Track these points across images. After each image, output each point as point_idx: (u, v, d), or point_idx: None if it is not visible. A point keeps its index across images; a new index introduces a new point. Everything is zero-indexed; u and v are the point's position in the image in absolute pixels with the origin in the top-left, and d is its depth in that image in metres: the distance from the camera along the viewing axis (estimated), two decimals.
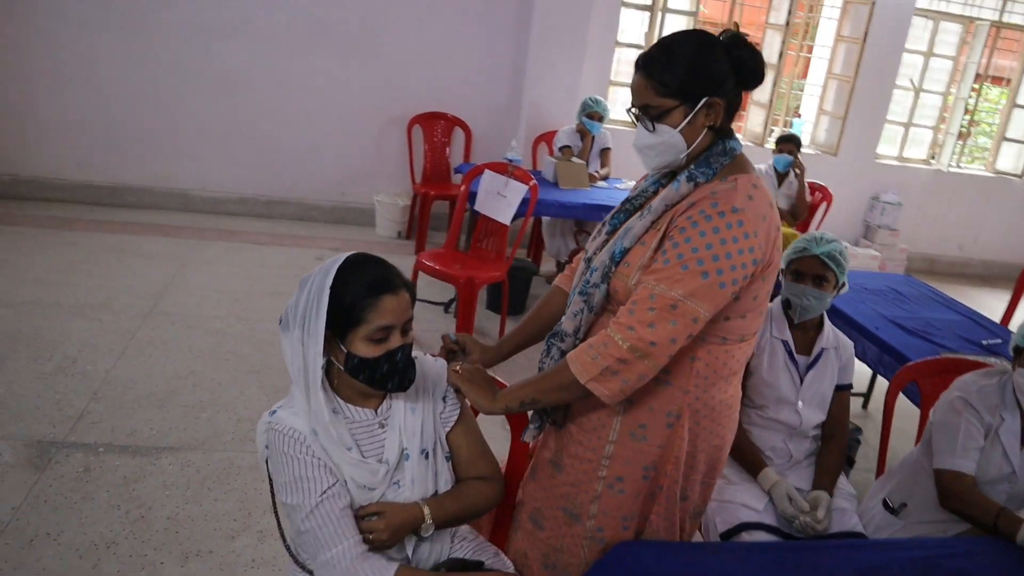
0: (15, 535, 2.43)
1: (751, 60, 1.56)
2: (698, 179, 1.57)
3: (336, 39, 5.67)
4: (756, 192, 1.54)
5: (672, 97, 1.55)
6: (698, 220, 1.49)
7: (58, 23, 5.29)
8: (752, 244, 1.49)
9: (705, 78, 1.53)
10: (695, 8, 6.01)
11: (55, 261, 4.53)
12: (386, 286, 1.50)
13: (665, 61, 1.54)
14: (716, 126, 1.57)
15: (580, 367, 1.53)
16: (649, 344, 1.48)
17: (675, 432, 1.64)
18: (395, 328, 1.52)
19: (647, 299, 1.49)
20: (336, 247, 5.52)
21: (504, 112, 6.07)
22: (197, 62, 5.54)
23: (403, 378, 1.55)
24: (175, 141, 5.71)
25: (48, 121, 5.49)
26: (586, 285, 1.65)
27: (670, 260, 1.49)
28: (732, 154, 1.60)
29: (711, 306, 1.50)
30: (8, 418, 3.00)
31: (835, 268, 2.27)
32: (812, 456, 2.35)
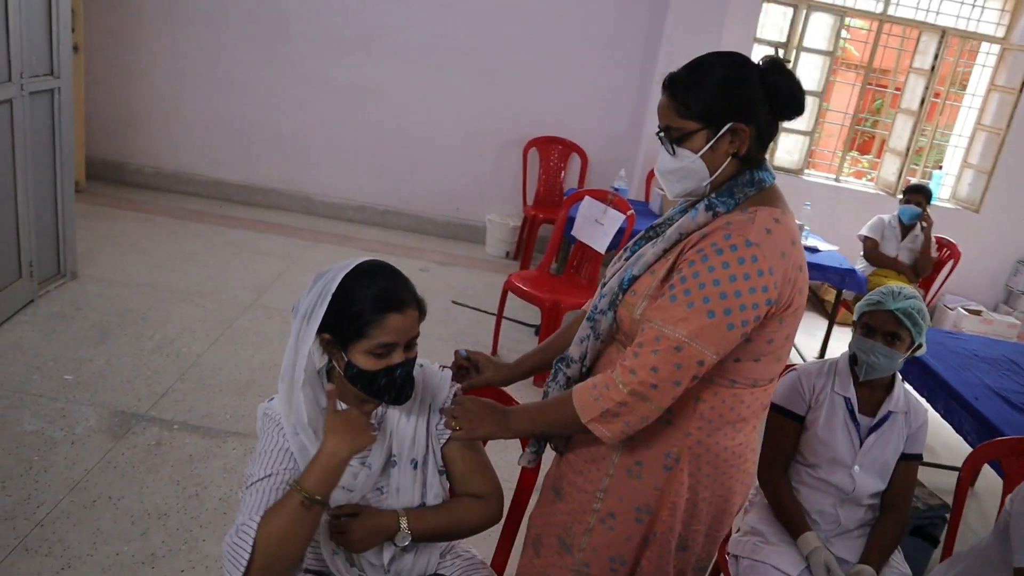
0: (81, 494, 2.60)
1: (787, 87, 1.45)
2: (717, 208, 1.48)
3: (462, 60, 5.82)
4: (777, 227, 1.43)
5: (694, 119, 1.46)
6: (708, 254, 1.40)
7: (209, 32, 5.72)
8: (766, 282, 1.39)
9: (732, 102, 1.44)
10: (832, 48, 5.75)
11: (178, 249, 4.87)
12: (393, 304, 1.47)
13: (690, 81, 1.46)
14: (741, 154, 1.47)
15: (581, 406, 1.48)
16: (650, 387, 1.41)
17: (673, 476, 1.55)
18: (398, 345, 1.49)
19: (652, 341, 1.41)
20: (441, 260, 5.63)
21: (622, 142, 6.02)
22: (329, 74, 5.83)
23: (400, 393, 1.53)
24: (303, 147, 6.03)
25: (191, 121, 5.93)
26: (594, 311, 1.60)
27: (677, 297, 1.41)
28: (760, 185, 1.49)
29: (718, 348, 1.40)
30: (102, 388, 3.22)
31: (910, 327, 2.09)
32: (865, 527, 2.16)
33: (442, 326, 4.47)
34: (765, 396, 1.59)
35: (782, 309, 1.45)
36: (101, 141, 5.94)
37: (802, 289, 1.48)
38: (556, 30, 5.74)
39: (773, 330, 1.47)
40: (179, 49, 5.77)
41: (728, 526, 1.69)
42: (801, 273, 1.46)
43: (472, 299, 4.96)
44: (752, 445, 1.62)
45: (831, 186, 6.04)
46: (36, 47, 3.60)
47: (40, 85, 3.66)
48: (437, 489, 1.63)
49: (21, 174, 3.57)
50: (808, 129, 5.95)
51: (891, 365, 2.11)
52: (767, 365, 1.52)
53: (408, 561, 1.62)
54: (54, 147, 3.86)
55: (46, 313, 3.75)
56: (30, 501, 2.53)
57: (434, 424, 1.64)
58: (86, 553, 2.36)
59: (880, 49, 6.00)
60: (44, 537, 2.39)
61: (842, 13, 5.68)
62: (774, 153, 6.05)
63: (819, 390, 2.16)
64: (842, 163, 6.19)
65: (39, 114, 3.70)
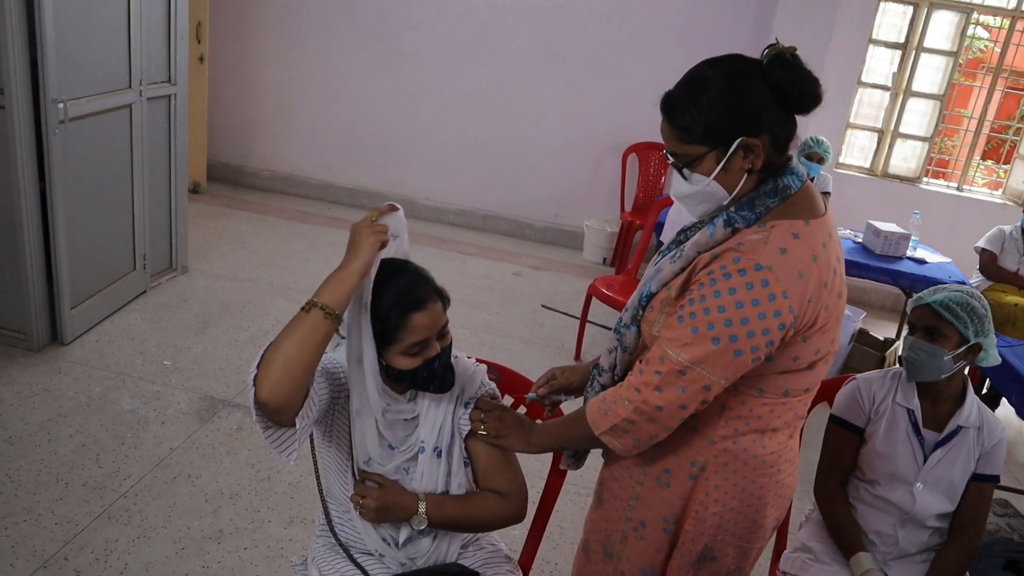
0: (164, 471, 2.79)
1: (794, 82, 1.34)
2: (737, 224, 1.38)
3: (565, 66, 5.84)
4: (795, 243, 1.33)
5: (699, 143, 1.37)
6: (717, 278, 1.34)
7: (321, 43, 6.01)
8: (779, 307, 1.31)
9: (736, 117, 1.34)
10: (956, 48, 5.40)
11: (283, 247, 5.13)
12: (413, 304, 1.50)
13: (686, 103, 1.36)
14: (757, 168, 1.38)
15: (594, 419, 1.47)
16: (655, 408, 1.37)
17: (698, 485, 1.50)
18: (430, 340, 1.53)
19: (657, 360, 1.38)
20: (536, 265, 5.66)
21: None
22: (434, 80, 5.99)
23: (443, 382, 1.58)
24: (408, 152, 6.21)
25: (303, 126, 6.24)
26: (619, 324, 1.56)
27: (684, 319, 1.36)
28: (785, 193, 1.39)
29: (726, 374, 1.35)
30: (197, 373, 3.44)
31: (952, 319, 1.91)
32: (929, 553, 2.01)
33: (529, 330, 4.50)
34: (800, 406, 1.51)
35: (804, 329, 1.37)
36: (222, 145, 6.34)
37: (829, 305, 1.38)
38: (658, 34, 5.66)
39: (797, 349, 1.39)
40: (294, 59, 6.09)
41: (762, 539, 1.61)
42: (827, 290, 1.36)
43: (563, 304, 4.96)
44: (787, 456, 1.54)
45: (951, 195, 5.67)
46: (155, 56, 3.89)
47: (158, 91, 3.95)
48: (462, 479, 1.66)
49: (138, 174, 3.86)
50: (927, 135, 5.61)
51: (936, 364, 1.93)
52: (799, 376, 1.44)
53: (425, 546, 1.65)
54: (170, 149, 4.16)
55: (155, 304, 4.04)
56: (119, 474, 2.74)
57: (459, 416, 1.66)
58: (161, 525, 2.53)
59: (1019, 49, 5.57)
60: (126, 507, 2.58)
61: (969, 10, 5.32)
62: (889, 160, 5.74)
63: (880, 401, 2.03)
64: (965, 171, 5.79)
65: (156, 118, 3.99)
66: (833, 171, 5.47)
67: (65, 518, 2.49)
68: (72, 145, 3.33)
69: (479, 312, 4.63)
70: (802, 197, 1.41)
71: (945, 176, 6.01)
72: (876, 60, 5.63)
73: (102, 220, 3.68)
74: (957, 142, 7.43)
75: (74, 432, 2.92)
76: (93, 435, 2.92)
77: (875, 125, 5.73)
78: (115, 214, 3.78)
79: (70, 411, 3.04)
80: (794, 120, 1.40)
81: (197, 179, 5.94)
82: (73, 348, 3.49)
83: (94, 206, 3.58)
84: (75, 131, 3.32)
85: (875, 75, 5.66)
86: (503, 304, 4.83)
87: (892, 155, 5.72)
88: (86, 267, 3.58)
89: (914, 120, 5.65)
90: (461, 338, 4.17)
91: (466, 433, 1.66)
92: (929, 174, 5.81)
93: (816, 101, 1.37)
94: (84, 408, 3.07)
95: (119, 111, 3.65)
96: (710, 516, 1.51)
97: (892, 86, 5.61)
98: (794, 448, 1.57)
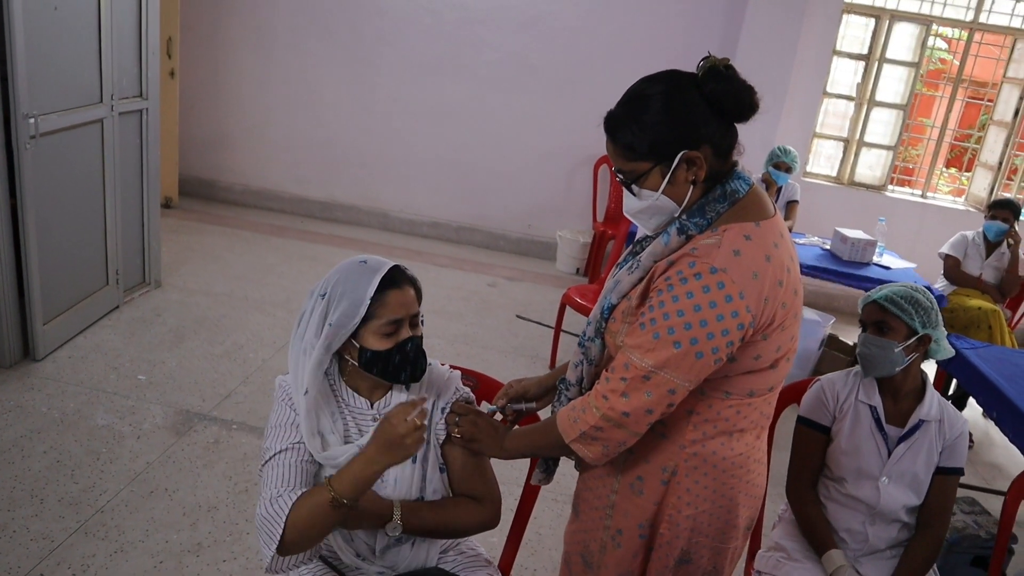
0: (141, 485, 2.77)
1: (728, 92, 1.39)
2: (690, 231, 1.43)
3: (537, 79, 5.90)
4: (747, 245, 1.38)
5: (643, 160, 1.42)
6: (674, 283, 1.38)
7: (293, 56, 6.03)
8: (736, 307, 1.35)
9: (676, 132, 1.39)
10: (917, 60, 5.54)
11: (258, 262, 5.12)
12: (389, 282, 1.56)
13: (628, 121, 1.41)
14: (700, 180, 1.42)
15: (563, 427, 1.50)
16: (622, 414, 1.41)
17: (670, 489, 1.53)
18: (403, 321, 1.58)
19: (622, 367, 1.41)
20: (511, 276, 5.70)
21: None
22: (408, 94, 6.02)
23: (415, 368, 1.60)
24: (383, 165, 6.23)
25: (276, 140, 6.24)
26: (583, 338, 1.59)
27: (645, 325, 1.39)
28: (733, 198, 1.43)
29: (689, 376, 1.38)
30: (171, 388, 3.42)
31: (898, 312, 2.00)
32: (898, 548, 2.06)
33: (504, 340, 4.53)
34: (765, 405, 1.54)
35: (764, 327, 1.41)
36: (194, 160, 6.32)
37: (786, 302, 1.42)
38: (628, 48, 5.74)
39: (759, 348, 1.43)
40: (266, 73, 6.09)
41: (735, 539, 1.64)
42: (782, 288, 1.41)
43: (537, 314, 5.00)
44: (756, 456, 1.58)
45: (916, 202, 5.80)
46: (127, 71, 3.89)
47: (129, 106, 3.94)
48: (437, 485, 1.67)
49: (110, 188, 3.85)
50: (891, 143, 5.74)
51: (888, 357, 2.01)
52: (762, 376, 1.48)
53: (404, 553, 1.66)
54: (142, 164, 4.14)
55: (128, 318, 4.01)
56: (94, 489, 2.72)
57: (435, 421, 1.68)
58: (138, 539, 2.52)
59: (978, 60, 5.73)
60: (103, 522, 2.56)
61: (928, 22, 5.47)
62: (854, 169, 5.86)
63: (843, 399, 2.09)
64: (929, 178, 5.92)
65: (128, 133, 3.99)
66: (801, 180, 5.58)
67: (41, 534, 2.47)
68: (43, 160, 3.31)
69: (454, 323, 4.65)
70: (751, 200, 1.45)
71: (910, 184, 6.15)
72: (840, 71, 5.76)
73: (74, 235, 3.66)
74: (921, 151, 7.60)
75: (48, 448, 2.89)
76: (68, 451, 2.90)
77: (841, 135, 5.86)
78: (87, 229, 3.76)
79: (43, 427, 3.01)
80: (734, 128, 1.44)
81: (169, 194, 5.91)
82: (46, 364, 3.46)
83: (66, 221, 3.56)
84: (46, 146, 3.31)
85: (840, 86, 5.79)
86: (478, 315, 4.86)
87: (858, 164, 5.85)
88: (58, 282, 3.55)
89: (878, 129, 5.78)
90: (437, 348, 4.18)
91: (442, 440, 1.68)
92: (894, 182, 5.95)
93: (752, 109, 1.41)
94: (58, 424, 3.05)
95: (90, 126, 3.64)
96: (683, 519, 1.54)
97: (856, 96, 5.74)
98: (762, 448, 1.61)
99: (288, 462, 1.54)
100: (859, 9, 5.55)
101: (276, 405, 1.62)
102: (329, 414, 1.60)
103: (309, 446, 1.56)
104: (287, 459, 1.54)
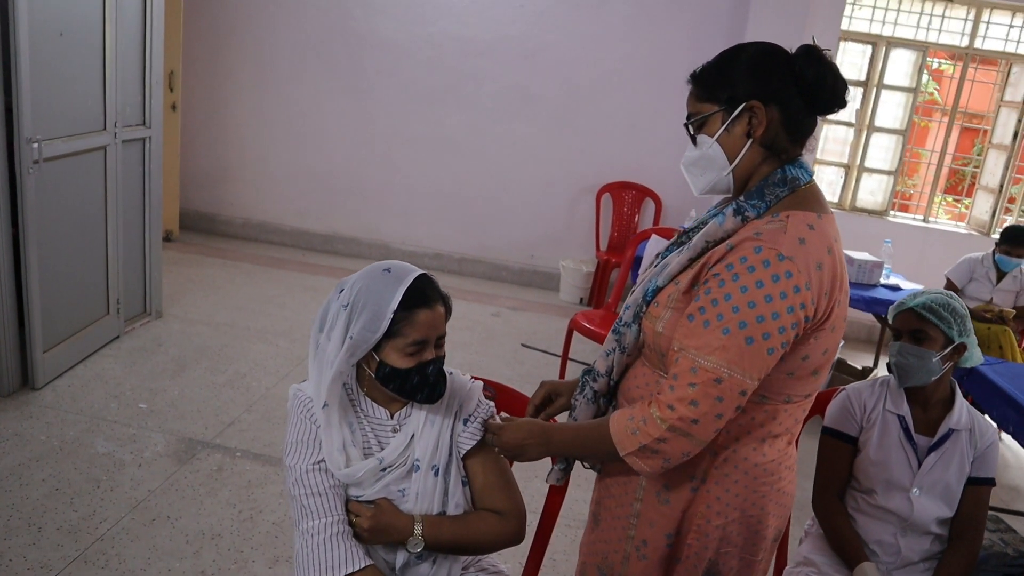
0: (142, 513, 2.69)
1: (817, 75, 1.35)
2: (747, 212, 1.37)
3: (538, 108, 5.92)
4: (811, 235, 1.32)
5: (710, 101, 1.41)
6: (739, 271, 1.29)
7: (294, 88, 6.05)
8: (803, 299, 1.28)
9: (750, 81, 1.37)
10: (915, 85, 5.58)
11: (259, 293, 5.07)
12: (421, 300, 1.50)
13: (712, 64, 1.43)
14: (757, 136, 1.37)
15: (620, 438, 1.38)
16: (691, 423, 1.31)
17: (699, 497, 1.46)
18: (429, 342, 1.52)
19: (688, 372, 1.31)
20: (514, 306, 5.65)
21: None
22: (409, 126, 6.04)
23: (433, 391, 1.54)
24: (383, 197, 6.22)
25: (277, 173, 6.24)
26: (619, 324, 1.52)
27: (710, 321, 1.30)
28: (794, 184, 1.38)
29: (758, 374, 1.31)
30: (173, 416, 3.35)
31: (936, 321, 1.95)
32: (932, 560, 2.00)
33: (510, 368, 4.46)
34: (799, 411, 1.48)
35: (819, 323, 1.35)
36: (195, 194, 6.31)
37: (840, 301, 1.37)
38: (629, 76, 5.78)
39: (809, 347, 1.36)
40: (267, 107, 6.11)
41: (764, 550, 1.57)
42: (839, 284, 1.35)
43: (542, 343, 4.94)
44: (787, 463, 1.51)
45: (918, 227, 5.79)
46: (130, 99, 3.88)
47: (132, 134, 3.93)
48: (459, 499, 1.60)
49: (112, 217, 3.81)
50: (891, 168, 5.75)
51: (926, 366, 1.96)
52: (802, 380, 1.41)
53: (424, 570, 1.58)
54: (144, 193, 4.12)
55: (129, 348, 3.95)
56: (94, 517, 2.63)
57: (457, 432, 1.62)
58: (140, 568, 2.43)
59: (972, 90, 5.76)
60: (103, 551, 2.48)
61: (923, 48, 5.52)
62: (856, 194, 5.86)
63: (871, 409, 2.03)
64: (930, 204, 5.93)
65: (131, 162, 3.97)
66: None
67: (38, 563, 2.38)
68: (46, 186, 3.28)
69: (459, 352, 4.59)
70: (811, 191, 1.41)
71: (909, 211, 6.15)
72: None
73: (75, 263, 3.61)
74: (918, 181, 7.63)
75: (47, 476, 2.81)
76: (67, 478, 2.81)
77: (841, 160, 5.87)
78: (88, 257, 3.72)
79: (42, 455, 2.93)
80: (814, 117, 1.41)
81: (169, 227, 5.88)
82: (45, 393, 3.38)
83: (67, 248, 3.52)
84: (49, 172, 3.28)
85: (839, 112, 5.81)
86: (483, 344, 4.80)
87: (859, 189, 5.85)
88: (59, 310, 3.50)
89: (878, 155, 5.80)
90: None
91: (465, 452, 1.62)
92: (895, 207, 5.95)
93: (839, 102, 1.39)
94: (57, 452, 2.97)
95: (94, 153, 3.62)
96: (713, 529, 1.46)
97: (856, 122, 5.77)
98: (793, 455, 1.54)
99: (322, 487, 1.50)
100: (856, 36, 5.61)
101: (293, 418, 1.56)
102: (347, 425, 1.54)
103: (330, 464, 1.50)
104: (320, 483, 1.50)
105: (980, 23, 5.50)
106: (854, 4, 5.53)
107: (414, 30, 5.86)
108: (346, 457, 1.52)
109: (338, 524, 1.48)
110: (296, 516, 1.50)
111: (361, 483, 1.53)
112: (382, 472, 1.55)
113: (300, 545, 1.48)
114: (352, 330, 1.48)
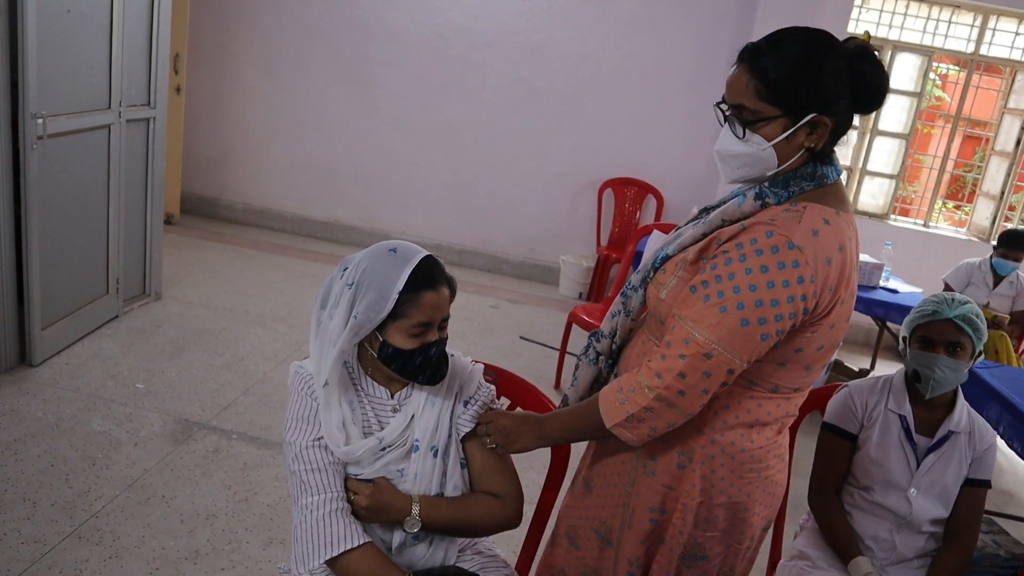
0: (137, 492, 2.69)
1: (875, 77, 1.33)
2: (767, 198, 1.37)
3: (542, 103, 5.92)
4: (825, 229, 1.31)
5: (775, 104, 1.32)
6: (747, 252, 1.30)
7: (299, 75, 6.04)
8: (805, 290, 1.28)
9: (817, 90, 1.31)
10: (920, 90, 5.58)
11: (259, 278, 5.06)
12: (426, 282, 1.49)
13: (775, 59, 1.32)
14: (818, 149, 1.36)
15: (607, 409, 1.42)
16: (678, 393, 1.34)
17: (685, 476, 1.47)
18: (433, 324, 1.52)
19: (681, 343, 1.33)
20: (513, 299, 5.65)
21: (700, 184, 5.95)
22: (412, 115, 6.03)
23: (435, 372, 1.54)
24: (385, 186, 6.22)
25: (281, 160, 6.23)
26: (627, 287, 1.55)
27: (710, 296, 1.31)
28: (821, 181, 1.37)
29: (749, 357, 1.32)
30: (170, 397, 3.35)
31: (971, 332, 1.94)
32: (926, 558, 2.00)
33: (508, 360, 4.46)
34: (789, 405, 1.48)
35: (817, 318, 1.35)
36: (197, 178, 6.30)
37: (844, 300, 1.37)
38: (634, 73, 5.77)
39: (804, 340, 1.37)
40: (271, 93, 6.10)
41: (751, 538, 1.57)
42: (846, 283, 1.35)
43: (540, 336, 4.94)
44: (776, 452, 1.51)
45: (919, 231, 5.80)
46: (136, 79, 3.87)
47: (137, 114, 3.92)
48: (458, 481, 1.60)
49: (114, 196, 3.81)
50: (893, 172, 5.76)
51: (957, 378, 1.96)
52: (792, 372, 1.42)
53: (421, 551, 1.58)
54: (147, 174, 4.11)
55: (128, 328, 3.94)
56: (89, 494, 2.63)
57: (457, 415, 1.62)
58: (134, 545, 2.43)
59: (976, 98, 5.76)
60: (97, 527, 2.48)
61: (929, 53, 5.52)
62: (858, 197, 5.87)
63: (872, 407, 2.03)
64: (931, 210, 5.94)
65: (135, 141, 3.96)
66: None
67: (32, 537, 2.38)
68: (49, 163, 3.27)
69: (458, 342, 4.58)
70: (836, 189, 1.41)
71: (910, 215, 6.16)
72: None
73: (76, 241, 3.60)
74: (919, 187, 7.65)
75: (42, 452, 2.81)
76: (62, 455, 2.81)
77: (844, 163, 5.87)
78: (89, 235, 3.71)
79: (38, 431, 2.93)
80: (852, 118, 1.39)
81: (171, 210, 5.87)
82: (42, 370, 3.38)
83: (69, 226, 3.52)
84: (53, 148, 3.27)
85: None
86: (481, 335, 4.80)
87: (861, 192, 5.86)
88: (58, 288, 3.49)
89: (881, 158, 5.80)
90: None
91: (464, 434, 1.62)
92: (896, 211, 5.95)
93: (881, 102, 1.39)
94: (53, 429, 2.97)
95: (98, 131, 3.61)
96: (697, 507, 1.48)
97: (859, 125, 5.77)
98: (784, 445, 1.54)
99: (322, 463, 1.50)
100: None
101: (294, 394, 1.56)
102: (348, 403, 1.54)
103: (329, 441, 1.50)
104: (320, 459, 1.50)
105: (987, 30, 5.50)
106: (861, 7, 5.52)
107: (421, 20, 5.85)
108: (345, 435, 1.52)
109: (337, 500, 1.48)
110: (295, 491, 1.50)
111: (360, 462, 1.53)
112: (381, 451, 1.54)
113: (299, 520, 1.48)
114: (356, 309, 1.48)
